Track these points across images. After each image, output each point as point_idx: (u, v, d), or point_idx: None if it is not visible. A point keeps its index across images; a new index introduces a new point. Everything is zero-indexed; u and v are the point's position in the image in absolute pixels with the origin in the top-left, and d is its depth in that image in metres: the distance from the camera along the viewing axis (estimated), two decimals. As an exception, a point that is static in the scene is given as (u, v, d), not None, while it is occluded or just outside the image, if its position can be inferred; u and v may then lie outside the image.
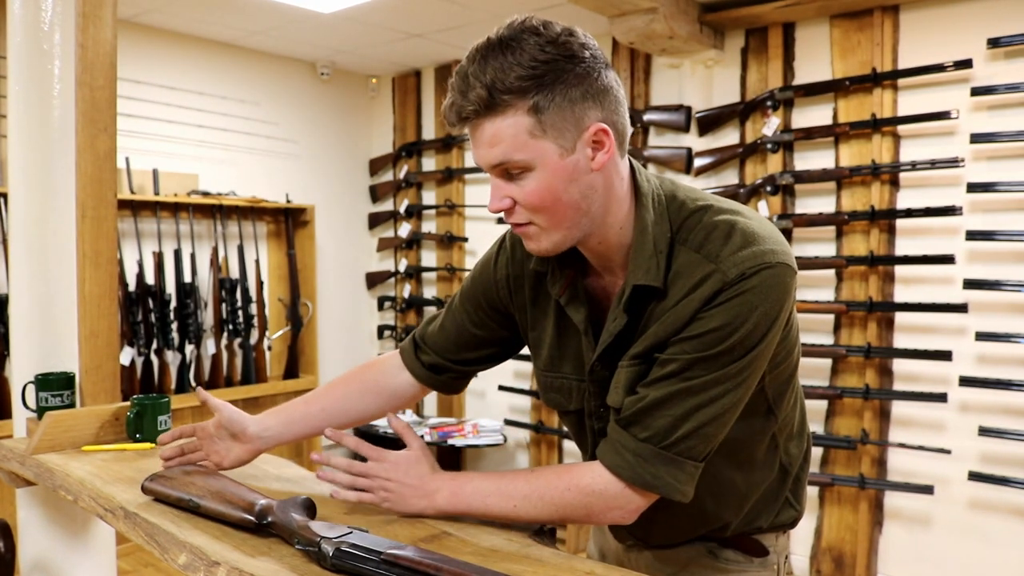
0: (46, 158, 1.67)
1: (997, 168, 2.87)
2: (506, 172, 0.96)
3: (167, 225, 3.77)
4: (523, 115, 0.92)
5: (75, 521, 1.70)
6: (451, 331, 1.25)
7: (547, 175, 0.95)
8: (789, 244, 3.67)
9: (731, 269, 0.94)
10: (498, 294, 1.19)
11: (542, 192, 0.95)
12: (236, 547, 1.01)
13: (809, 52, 3.27)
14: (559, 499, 1.01)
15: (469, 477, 1.08)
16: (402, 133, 4.68)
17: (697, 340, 0.95)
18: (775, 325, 0.96)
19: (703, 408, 0.96)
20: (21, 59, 1.67)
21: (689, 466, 0.97)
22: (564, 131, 0.94)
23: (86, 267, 1.69)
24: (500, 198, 0.98)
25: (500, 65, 0.91)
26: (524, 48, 0.91)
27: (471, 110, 0.93)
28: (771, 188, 3.29)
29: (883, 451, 3.13)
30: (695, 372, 0.95)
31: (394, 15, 3.61)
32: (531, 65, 0.91)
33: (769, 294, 0.94)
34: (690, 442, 0.96)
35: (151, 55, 3.80)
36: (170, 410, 1.61)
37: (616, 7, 3.01)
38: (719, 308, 0.94)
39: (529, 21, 0.94)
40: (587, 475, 1.01)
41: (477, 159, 0.98)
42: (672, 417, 0.96)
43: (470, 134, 0.97)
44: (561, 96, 0.92)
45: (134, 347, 3.55)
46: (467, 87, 0.92)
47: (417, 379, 1.28)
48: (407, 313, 4.65)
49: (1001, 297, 2.87)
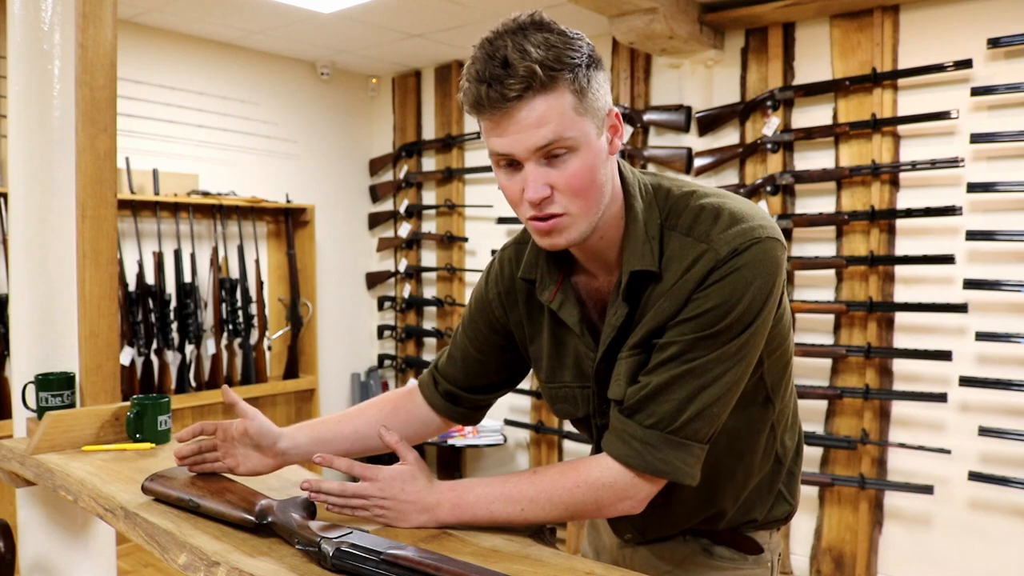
0: (46, 158, 1.67)
1: (997, 168, 2.87)
2: (548, 155, 0.93)
3: (167, 225, 3.77)
4: (569, 93, 0.92)
5: (75, 521, 1.70)
6: (458, 359, 1.25)
7: (590, 155, 0.94)
8: (788, 244, 3.63)
9: (723, 247, 0.95)
10: (494, 313, 1.19)
11: (584, 173, 0.94)
12: (236, 547, 1.01)
13: (809, 52, 3.27)
14: (568, 497, 1.00)
15: (470, 485, 1.06)
16: (402, 133, 4.68)
17: (695, 321, 0.96)
18: (770, 299, 0.97)
19: (706, 389, 0.96)
20: (21, 59, 1.67)
21: (696, 448, 0.97)
22: (597, 112, 0.95)
23: (86, 267, 1.69)
24: (541, 185, 0.94)
25: (542, 42, 0.90)
26: (547, 33, 0.92)
27: (520, 88, 0.89)
28: (771, 188, 3.29)
29: (883, 451, 3.14)
30: (696, 353, 0.96)
31: (394, 15, 3.61)
32: (566, 46, 0.91)
33: (762, 268, 0.95)
34: (696, 424, 0.97)
35: (151, 55, 3.80)
36: (170, 410, 1.61)
37: (616, 7, 3.01)
38: (715, 286, 0.95)
39: (537, 15, 0.94)
40: (595, 469, 1.00)
41: (513, 145, 0.93)
42: (676, 400, 0.96)
43: (503, 120, 0.92)
44: (594, 78, 0.94)
45: (134, 347, 3.55)
46: (507, 69, 0.89)
47: (436, 411, 1.28)
48: (407, 313, 4.65)
49: (1001, 297, 2.87)
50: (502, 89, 0.90)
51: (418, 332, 4.56)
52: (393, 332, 4.69)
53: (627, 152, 3.69)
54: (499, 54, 0.90)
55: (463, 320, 1.25)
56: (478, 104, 0.92)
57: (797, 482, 1.22)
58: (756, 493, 1.16)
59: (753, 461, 1.12)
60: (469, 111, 0.95)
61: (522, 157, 0.94)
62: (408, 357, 4.64)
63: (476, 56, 0.93)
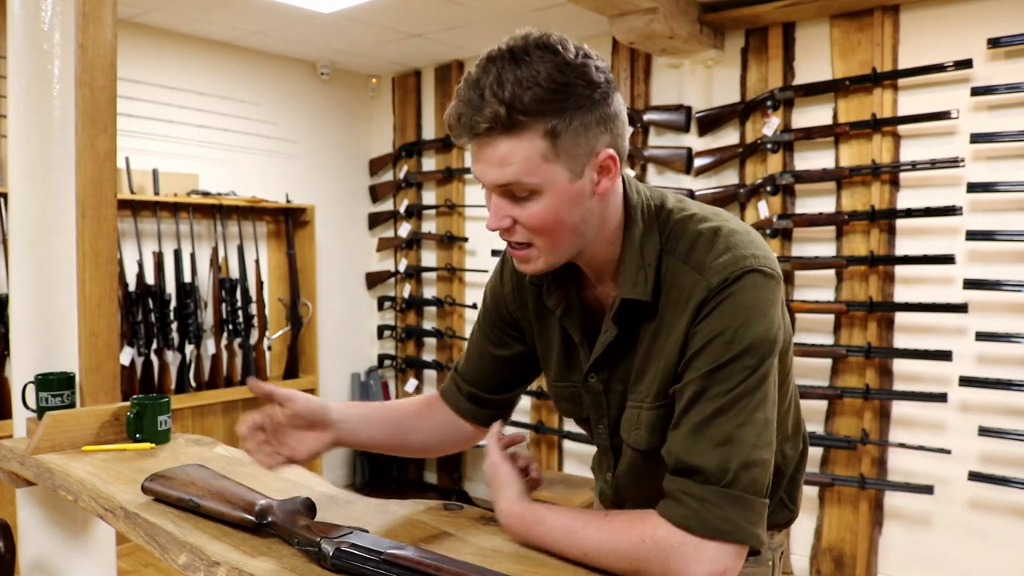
0: (46, 158, 1.67)
1: (997, 168, 2.87)
2: (510, 193, 0.93)
3: (167, 225, 3.77)
4: (539, 138, 0.89)
5: (75, 521, 1.69)
6: (476, 358, 1.23)
7: (554, 200, 0.92)
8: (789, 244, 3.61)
9: (714, 277, 0.93)
10: (507, 307, 1.19)
11: (546, 216, 0.93)
12: (236, 547, 1.01)
13: (809, 52, 3.27)
14: (633, 552, 0.90)
15: (540, 516, 1.00)
16: (402, 133, 4.68)
17: (703, 354, 0.92)
18: (776, 328, 0.93)
19: (741, 428, 0.90)
20: (21, 59, 1.67)
21: (758, 504, 0.90)
22: (576, 156, 0.91)
23: (86, 267, 1.69)
24: (501, 217, 0.95)
25: (518, 81, 0.87)
26: (542, 67, 0.87)
27: (485, 127, 0.88)
28: (771, 188, 3.29)
29: (883, 451, 3.13)
30: (715, 388, 0.91)
31: (394, 15, 3.61)
32: (552, 87, 0.87)
33: (755, 294, 0.92)
34: (749, 474, 0.89)
35: (151, 55, 3.80)
36: (170, 410, 1.61)
37: (616, 7, 3.01)
38: (712, 315, 0.92)
39: (544, 38, 0.90)
40: (662, 527, 0.90)
41: (478, 175, 0.94)
42: (714, 444, 0.89)
43: (474, 149, 0.92)
44: (578, 122, 0.89)
45: (134, 347, 3.55)
46: (481, 101, 0.88)
47: (462, 415, 1.25)
48: (407, 313, 4.65)
49: (1001, 297, 2.87)
50: (470, 122, 0.89)
51: (418, 332, 4.56)
52: (393, 332, 4.69)
53: (627, 152, 3.68)
54: (483, 82, 0.88)
55: (479, 317, 1.24)
56: (450, 127, 0.93)
57: (799, 489, 1.20)
58: None
59: None
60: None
61: (487, 187, 0.95)
62: (408, 357, 4.64)
63: (469, 74, 0.91)
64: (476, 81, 0.89)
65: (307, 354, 4.35)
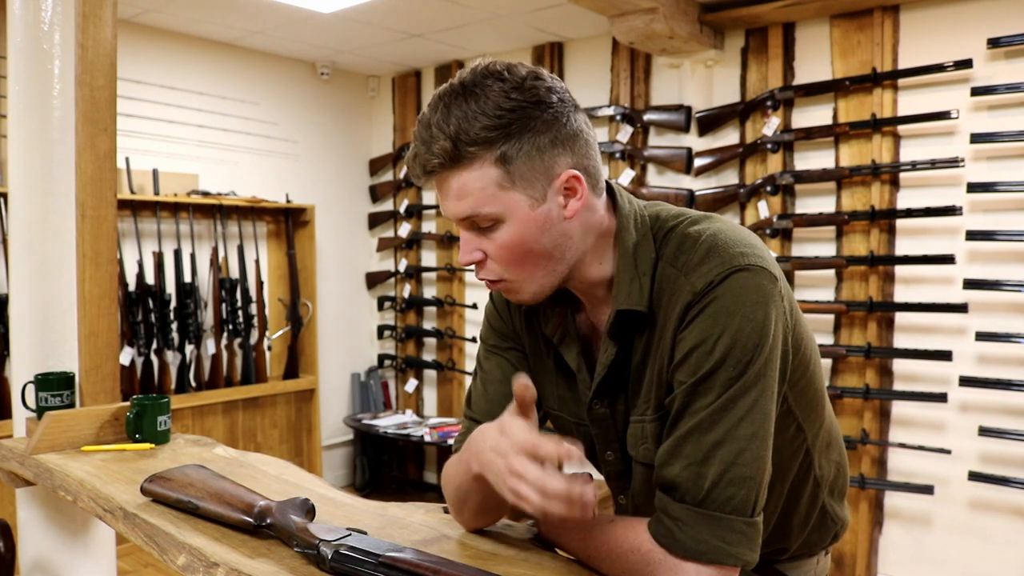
0: (46, 158, 1.67)
1: (997, 168, 2.86)
2: (475, 225, 0.92)
3: (167, 225, 3.77)
4: (490, 167, 0.88)
5: (75, 521, 1.70)
6: (492, 390, 1.11)
7: (518, 227, 0.91)
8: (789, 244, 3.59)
9: (698, 280, 0.89)
10: (512, 327, 1.13)
11: (513, 245, 0.91)
12: (235, 548, 1.01)
13: (809, 52, 3.27)
14: (624, 561, 0.90)
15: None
16: (402, 133, 4.68)
17: (684, 366, 0.89)
18: (765, 332, 0.87)
19: (719, 446, 0.85)
20: (21, 59, 1.67)
21: (738, 523, 0.84)
22: (534, 181, 0.90)
23: (86, 267, 1.69)
24: (470, 251, 0.94)
25: (464, 114, 0.87)
26: (488, 95, 0.87)
27: (436, 163, 0.89)
28: (771, 188, 3.29)
29: (883, 451, 3.13)
30: (696, 403, 0.87)
31: (394, 15, 3.61)
32: (496, 114, 0.87)
33: (744, 297, 0.87)
34: (725, 492, 0.84)
35: (151, 55, 3.80)
36: (170, 410, 1.61)
37: (616, 7, 3.01)
38: (694, 323, 0.88)
39: (493, 66, 0.90)
40: (648, 541, 0.88)
41: (445, 211, 0.94)
42: (688, 461, 0.86)
43: (436, 186, 0.93)
44: (529, 145, 0.88)
45: (134, 347, 3.55)
46: (431, 138, 0.88)
47: None
48: (407, 313, 4.65)
49: (1001, 297, 2.87)
50: (422, 160, 0.90)
51: (418, 332, 4.56)
52: (393, 332, 4.69)
53: (627, 152, 3.69)
54: (432, 119, 0.89)
55: (485, 348, 1.15)
56: (408, 168, 0.93)
57: (842, 499, 1.15)
58: (786, 524, 1.08)
59: (782, 491, 1.05)
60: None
61: (454, 223, 0.95)
62: (408, 357, 4.64)
63: (423, 114, 0.91)
64: (427, 120, 0.90)
65: (307, 354, 4.35)
